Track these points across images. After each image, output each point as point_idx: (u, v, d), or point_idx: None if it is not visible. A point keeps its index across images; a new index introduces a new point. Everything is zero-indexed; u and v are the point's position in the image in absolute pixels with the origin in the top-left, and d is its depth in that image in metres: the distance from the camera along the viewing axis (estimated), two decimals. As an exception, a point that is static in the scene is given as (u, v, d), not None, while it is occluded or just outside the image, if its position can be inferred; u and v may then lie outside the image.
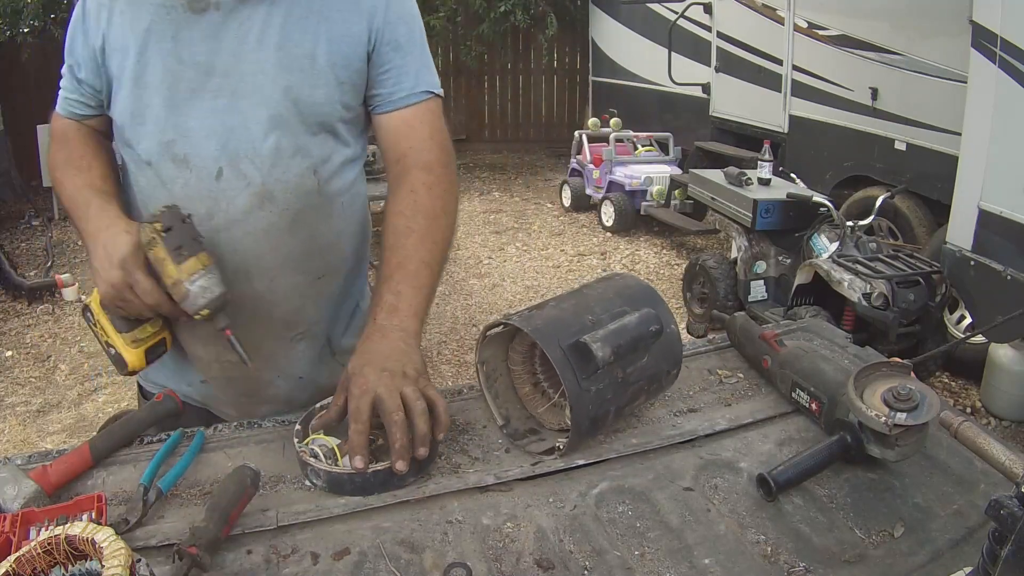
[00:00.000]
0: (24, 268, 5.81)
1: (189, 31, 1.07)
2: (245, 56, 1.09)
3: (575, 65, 10.10)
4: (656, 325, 1.02)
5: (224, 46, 1.08)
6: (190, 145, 1.09)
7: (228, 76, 1.09)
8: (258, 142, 1.10)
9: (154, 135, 1.10)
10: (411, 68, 1.19)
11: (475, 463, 1.02)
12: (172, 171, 1.10)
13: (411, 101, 1.19)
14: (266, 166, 1.11)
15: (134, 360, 1.07)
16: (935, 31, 4.16)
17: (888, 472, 0.99)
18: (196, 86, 1.08)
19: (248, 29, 1.09)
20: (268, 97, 1.10)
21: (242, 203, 1.11)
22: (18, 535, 0.80)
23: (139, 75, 1.08)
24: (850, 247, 3.70)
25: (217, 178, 1.10)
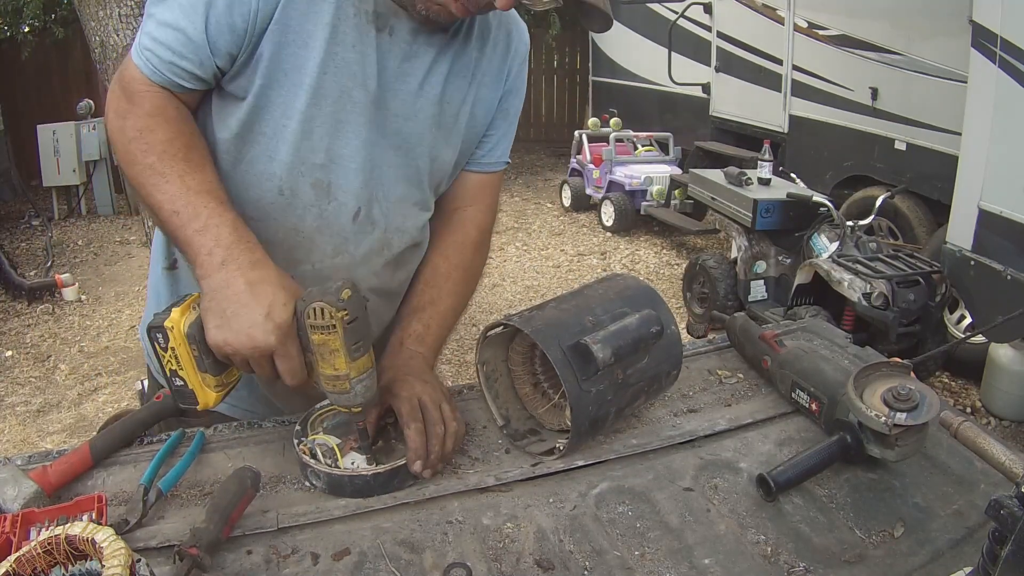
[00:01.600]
0: (24, 268, 5.81)
1: (366, 48, 0.96)
2: (405, 98, 1.03)
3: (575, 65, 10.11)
4: (657, 326, 1.02)
5: (387, 78, 1.00)
6: (338, 175, 1.01)
7: (386, 111, 1.01)
8: (392, 188, 1.07)
9: (303, 149, 0.98)
10: (507, 137, 1.21)
11: (475, 464, 1.02)
12: (310, 196, 1.01)
13: (495, 168, 1.23)
14: (392, 214, 1.09)
15: (211, 401, 0.94)
16: (935, 31, 4.16)
17: (888, 472, 0.99)
18: (359, 111, 0.99)
19: (413, 70, 1.02)
20: (412, 147, 1.06)
21: (366, 247, 1.08)
22: (18, 535, 0.80)
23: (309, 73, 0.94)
24: (850, 247, 3.70)
25: (354, 219, 1.04)
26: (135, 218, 6.81)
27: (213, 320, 0.86)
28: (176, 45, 0.92)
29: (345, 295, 0.85)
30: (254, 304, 0.84)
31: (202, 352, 0.90)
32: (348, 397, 0.90)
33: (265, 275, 0.87)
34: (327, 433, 1.03)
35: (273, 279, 0.87)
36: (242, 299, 0.85)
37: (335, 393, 0.90)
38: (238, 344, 0.85)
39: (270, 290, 0.85)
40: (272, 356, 0.86)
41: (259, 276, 0.86)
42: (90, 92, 7.56)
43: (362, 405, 0.92)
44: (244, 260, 0.87)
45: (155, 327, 0.89)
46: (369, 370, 0.90)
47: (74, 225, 7.10)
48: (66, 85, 8.16)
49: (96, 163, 7.16)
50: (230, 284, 0.86)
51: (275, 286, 0.86)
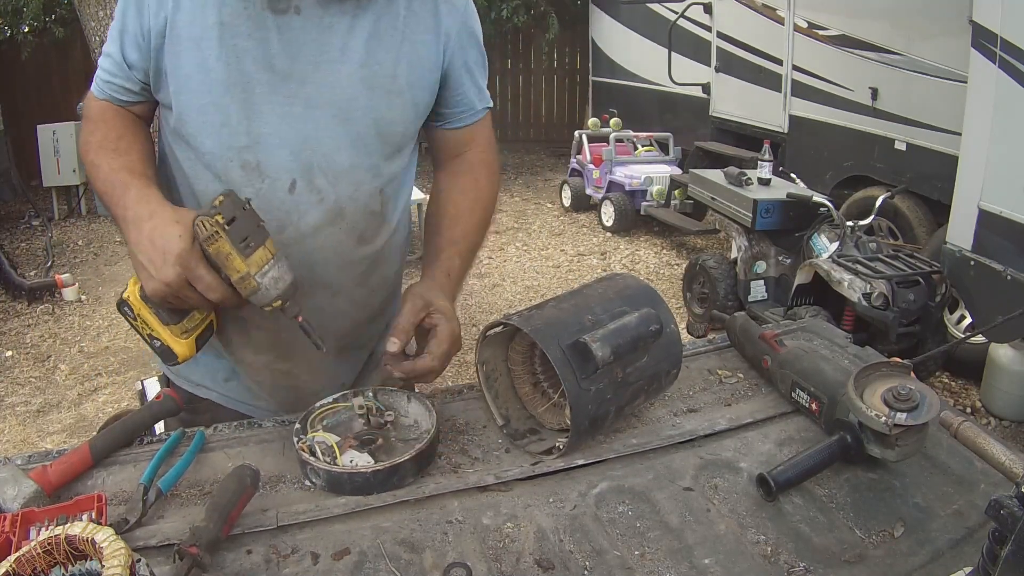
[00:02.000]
0: (24, 268, 5.81)
1: (266, 31, 1.02)
2: (326, 67, 1.05)
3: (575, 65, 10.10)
4: (656, 325, 1.02)
5: (303, 53, 1.04)
6: (264, 153, 1.05)
7: (304, 84, 1.04)
8: (334, 157, 1.08)
9: (224, 137, 1.05)
10: (472, 89, 1.22)
11: (475, 463, 1.02)
12: (241, 178, 1.06)
13: (476, 118, 1.25)
14: (340, 183, 1.10)
15: (184, 350, 1.02)
16: (935, 31, 4.16)
17: (888, 472, 0.99)
18: (271, 90, 1.03)
19: (330, 39, 1.05)
20: (348, 113, 1.08)
21: (314, 218, 1.10)
22: (18, 535, 0.80)
23: (210, 70, 1.01)
24: (850, 247, 3.70)
25: (291, 191, 1.07)
26: (135, 218, 6.79)
27: (141, 275, 0.96)
28: (108, 66, 1.09)
29: (217, 202, 0.93)
30: (155, 248, 0.93)
31: (156, 308, 1.00)
32: (261, 293, 0.95)
33: (158, 220, 0.95)
34: (326, 432, 1.03)
35: (166, 218, 0.94)
36: (146, 248, 0.94)
37: (251, 294, 0.95)
38: (159, 286, 0.94)
39: (163, 229, 0.94)
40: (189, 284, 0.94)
41: (154, 224, 0.95)
42: (90, 92, 7.56)
43: (280, 298, 0.96)
44: (143, 213, 0.96)
45: (121, 302, 1.02)
46: (269, 261, 0.95)
47: (74, 225, 7.10)
48: (66, 85, 8.16)
49: (96, 163, 7.16)
50: (138, 240, 0.95)
51: (167, 223, 0.94)
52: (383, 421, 1.05)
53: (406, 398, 1.10)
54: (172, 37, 1.02)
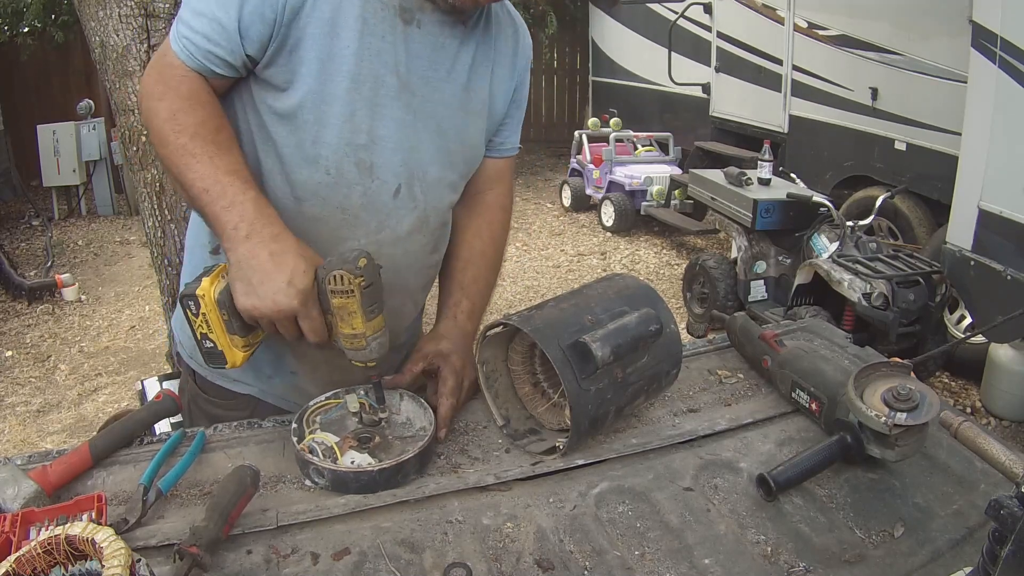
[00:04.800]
0: (24, 268, 5.81)
1: (396, 37, 1.04)
2: (435, 83, 1.10)
3: (575, 65, 10.10)
4: (656, 325, 1.02)
5: (418, 65, 1.08)
6: (379, 154, 1.07)
7: (415, 95, 1.08)
8: (428, 169, 1.14)
9: (346, 132, 1.04)
10: (519, 125, 1.30)
11: (475, 463, 1.02)
12: (354, 175, 1.07)
13: (511, 153, 1.32)
14: (430, 193, 1.15)
15: (238, 360, 1.01)
16: (935, 31, 4.16)
17: (888, 472, 0.99)
18: (394, 95, 1.06)
19: (441, 58, 1.10)
20: (445, 130, 1.13)
21: (408, 224, 1.14)
22: (18, 535, 0.80)
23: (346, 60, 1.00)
24: (850, 247, 3.70)
25: (395, 195, 1.11)
26: (135, 218, 6.80)
27: (241, 288, 0.94)
28: (211, 33, 0.98)
29: (361, 263, 0.94)
30: (277, 272, 0.93)
31: (231, 316, 0.98)
32: (365, 353, 0.98)
33: (286, 246, 0.95)
34: (322, 430, 1.03)
35: (293, 249, 0.95)
36: (266, 268, 0.93)
37: (353, 350, 0.98)
38: (265, 308, 0.93)
39: (291, 259, 0.94)
40: (295, 318, 0.95)
41: (280, 247, 0.95)
42: (90, 92, 7.57)
43: (376, 360, 1.00)
44: (266, 233, 0.95)
45: (187, 295, 0.97)
46: (383, 329, 0.99)
47: (74, 225, 7.10)
48: (66, 85, 8.16)
49: (96, 163, 7.17)
50: (255, 255, 0.94)
51: (295, 255, 0.95)
52: (377, 419, 1.06)
53: (398, 395, 1.10)
54: (312, 17, 0.98)
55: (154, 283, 4.55)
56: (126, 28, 2.46)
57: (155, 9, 2.47)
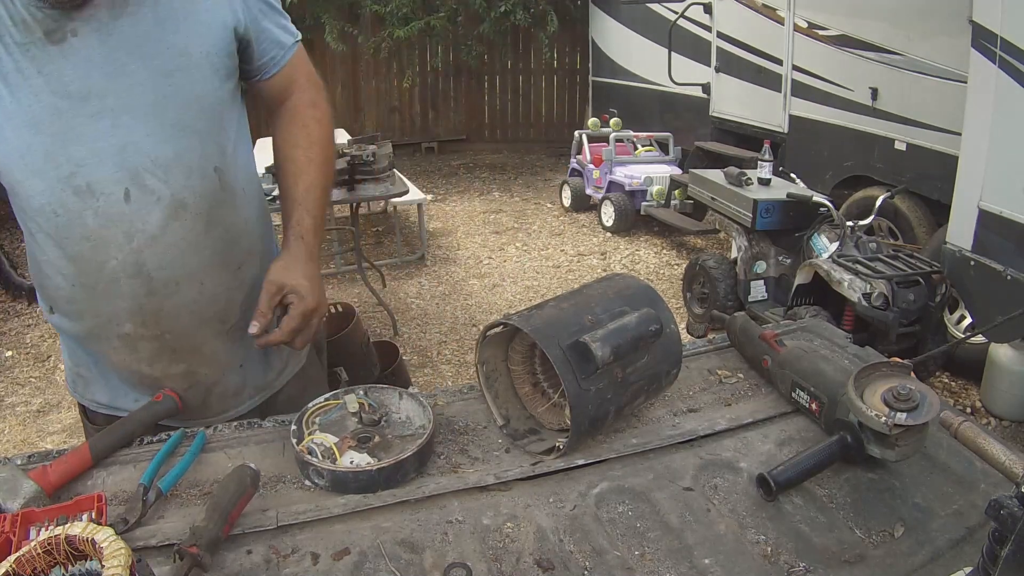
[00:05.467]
0: (24, 268, 5.81)
1: (53, 63, 1.03)
2: (118, 73, 1.06)
3: (575, 65, 10.09)
4: (656, 325, 1.02)
5: (94, 68, 1.05)
6: (89, 173, 1.06)
7: (105, 97, 1.05)
8: (158, 153, 1.09)
9: (50, 171, 1.06)
10: (276, 29, 1.24)
11: (475, 463, 1.02)
12: (78, 203, 1.07)
13: (287, 58, 1.27)
14: (171, 176, 1.11)
15: None
16: (935, 31, 4.16)
17: (888, 472, 0.99)
18: (76, 114, 1.05)
19: (116, 45, 1.06)
20: (151, 105, 1.08)
21: (157, 219, 1.10)
22: (18, 535, 0.80)
23: (15, 115, 1.03)
24: (850, 247, 3.70)
25: (126, 200, 1.08)
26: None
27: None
28: None
29: None
30: None
31: None
32: None
33: None
34: (321, 431, 1.03)
35: None
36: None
37: None
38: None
39: None
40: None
41: None
42: (90, 92, 7.55)
43: None
44: None
45: None
46: None
47: (74, 225, 7.10)
48: (66, 85, 8.15)
49: (96, 163, 7.16)
50: None
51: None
52: (376, 418, 1.06)
53: (397, 395, 1.11)
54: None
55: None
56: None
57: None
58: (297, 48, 1.28)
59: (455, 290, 5.35)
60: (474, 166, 9.39)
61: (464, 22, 9.03)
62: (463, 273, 5.69)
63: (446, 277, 5.59)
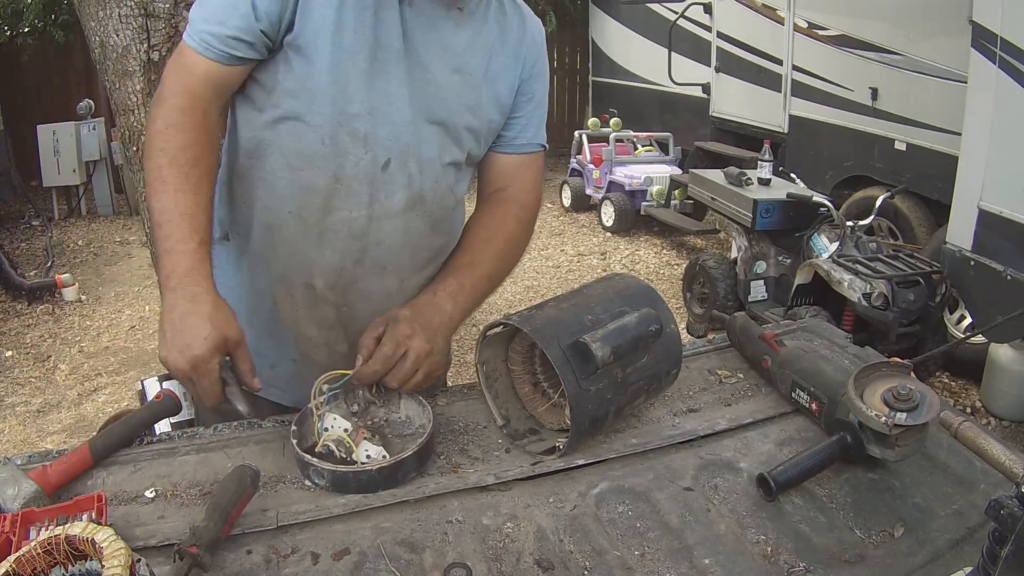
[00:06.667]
0: (24, 268, 5.81)
1: (386, 11, 1.06)
2: (428, 61, 1.10)
3: (575, 65, 10.09)
4: (656, 325, 1.02)
5: (411, 42, 1.09)
6: (374, 125, 1.08)
7: (409, 72, 1.09)
8: (424, 145, 1.14)
9: (342, 102, 1.06)
10: (536, 121, 1.28)
11: (475, 463, 1.02)
12: (347, 144, 1.08)
13: (528, 150, 1.29)
14: (425, 170, 1.15)
15: None
16: (935, 31, 4.16)
17: (888, 472, 0.99)
18: (386, 68, 1.07)
19: (434, 38, 1.11)
20: (438, 110, 1.13)
21: (400, 200, 1.14)
22: (18, 535, 0.80)
23: (340, 29, 1.02)
24: (850, 247, 3.70)
25: (384, 168, 1.11)
26: (135, 218, 6.81)
27: (160, 335, 0.98)
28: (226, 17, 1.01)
29: None
30: (181, 333, 0.95)
31: None
32: None
33: (198, 309, 0.96)
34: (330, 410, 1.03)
35: (204, 313, 0.95)
36: (176, 325, 0.95)
37: None
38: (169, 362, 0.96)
39: (197, 324, 0.95)
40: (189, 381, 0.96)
41: (193, 309, 0.95)
42: (90, 92, 7.56)
43: None
44: (187, 292, 0.97)
45: None
46: None
47: (74, 225, 7.10)
48: (66, 85, 8.15)
49: (96, 163, 7.16)
50: (174, 308, 0.96)
51: (203, 320, 0.95)
52: (376, 419, 1.06)
53: (397, 395, 1.10)
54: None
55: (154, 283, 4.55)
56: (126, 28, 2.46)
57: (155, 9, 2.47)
58: (537, 153, 1.30)
59: (455, 290, 5.34)
60: (474, 166, 9.38)
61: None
62: (463, 273, 5.68)
63: (446, 277, 5.59)
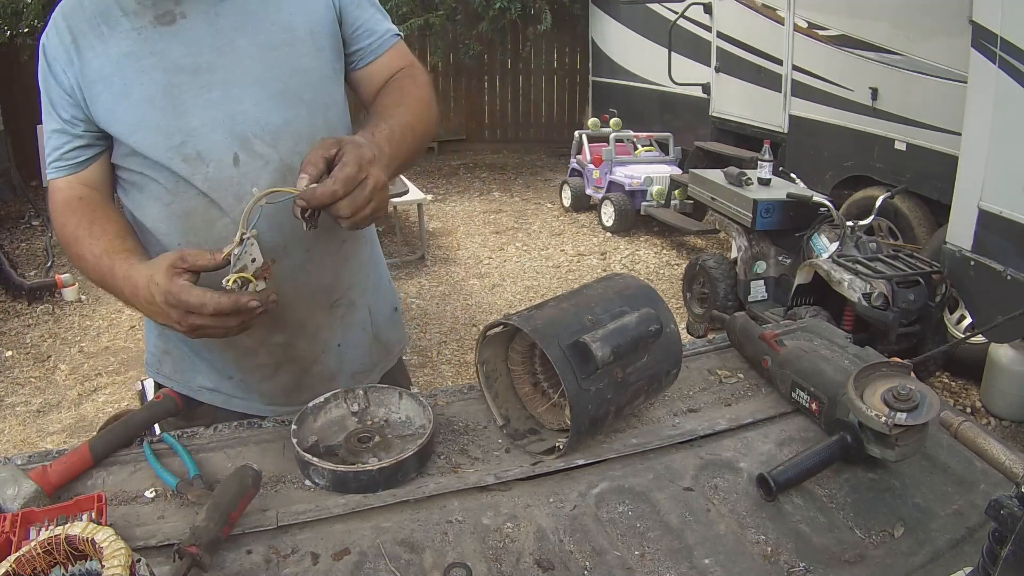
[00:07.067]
0: (24, 268, 5.81)
1: (163, 42, 1.12)
2: (225, 48, 1.13)
3: (575, 65, 10.09)
4: (656, 325, 1.02)
5: (203, 46, 1.13)
6: (199, 142, 1.13)
7: (214, 71, 1.13)
8: (266, 120, 1.15)
9: (162, 141, 1.12)
10: (373, 18, 1.28)
11: (475, 463, 1.02)
12: (187, 169, 1.13)
13: (386, 47, 1.29)
14: (280, 141, 1.15)
15: None
16: (935, 31, 4.16)
17: (888, 472, 0.99)
18: (186, 88, 1.12)
19: (223, 25, 1.14)
20: (259, 77, 1.15)
21: (265, 182, 1.15)
22: (18, 535, 0.80)
23: (127, 94, 1.11)
24: (850, 247, 3.70)
25: (235, 164, 1.14)
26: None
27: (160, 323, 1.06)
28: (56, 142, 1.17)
29: None
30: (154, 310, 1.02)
31: None
32: None
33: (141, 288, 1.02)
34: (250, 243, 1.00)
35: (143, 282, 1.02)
36: (151, 313, 1.04)
37: None
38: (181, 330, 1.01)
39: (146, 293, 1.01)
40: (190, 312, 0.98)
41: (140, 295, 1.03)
42: (90, 92, 7.55)
43: None
44: (129, 291, 1.05)
45: None
46: None
47: (74, 225, 7.09)
48: (66, 85, 8.14)
49: (96, 163, 7.15)
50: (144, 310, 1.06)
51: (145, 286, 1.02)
52: (376, 419, 1.06)
53: (397, 395, 1.11)
54: (87, 84, 1.12)
55: (154, 283, 4.54)
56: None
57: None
58: (396, 42, 1.31)
59: (455, 290, 5.35)
60: (474, 166, 9.39)
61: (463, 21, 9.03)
62: (463, 273, 5.69)
63: (446, 277, 5.59)
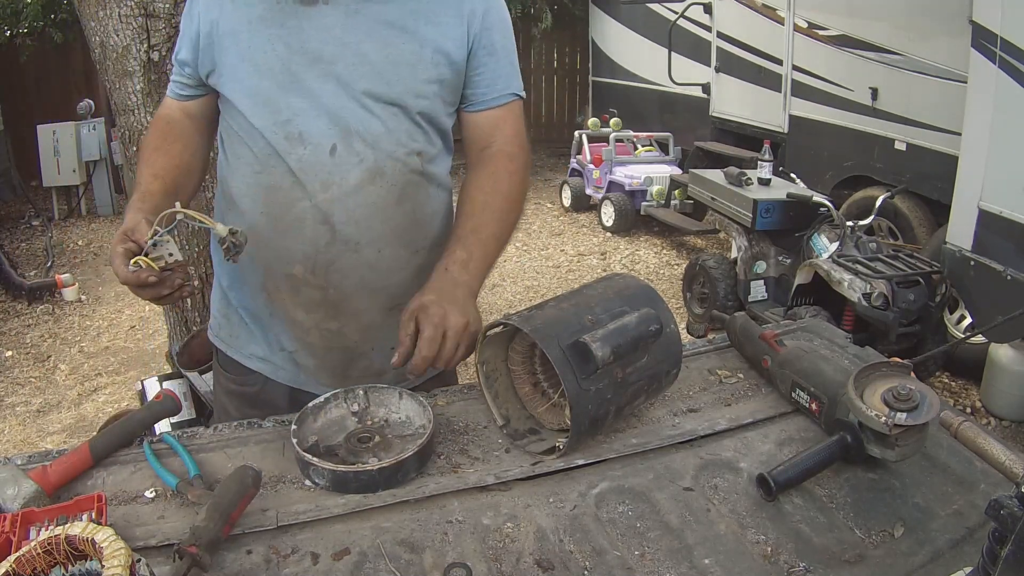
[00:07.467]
0: (24, 268, 5.81)
1: (297, 20, 1.17)
2: (352, 47, 1.17)
3: (575, 65, 10.09)
4: (656, 325, 1.02)
5: (332, 37, 1.17)
6: (304, 123, 1.19)
7: (334, 63, 1.18)
8: (367, 123, 1.20)
9: (269, 114, 1.19)
10: (502, 72, 1.30)
11: (475, 463, 1.02)
12: (287, 146, 1.19)
13: (500, 102, 1.31)
14: (379, 145, 1.20)
15: None
16: (935, 31, 4.16)
17: (888, 472, 0.99)
18: (304, 70, 1.17)
19: (357, 24, 1.18)
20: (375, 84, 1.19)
21: (355, 177, 1.20)
22: (18, 535, 0.80)
23: (251, 57, 1.18)
24: (850, 247, 3.70)
25: (331, 154, 1.19)
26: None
27: None
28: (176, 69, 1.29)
29: None
30: None
31: None
32: None
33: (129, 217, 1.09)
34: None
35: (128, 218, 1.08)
36: None
37: None
38: None
39: None
40: None
41: None
42: (90, 92, 7.56)
43: None
44: None
45: None
46: None
47: (74, 225, 7.10)
48: (66, 85, 8.15)
49: (96, 163, 7.16)
50: None
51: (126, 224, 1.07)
52: (376, 419, 1.06)
53: (397, 395, 1.10)
54: (217, 36, 1.20)
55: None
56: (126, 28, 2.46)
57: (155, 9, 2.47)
58: (513, 102, 1.32)
59: (455, 290, 5.34)
60: (474, 166, 9.38)
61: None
62: (463, 273, 5.67)
63: (446, 277, 5.58)
